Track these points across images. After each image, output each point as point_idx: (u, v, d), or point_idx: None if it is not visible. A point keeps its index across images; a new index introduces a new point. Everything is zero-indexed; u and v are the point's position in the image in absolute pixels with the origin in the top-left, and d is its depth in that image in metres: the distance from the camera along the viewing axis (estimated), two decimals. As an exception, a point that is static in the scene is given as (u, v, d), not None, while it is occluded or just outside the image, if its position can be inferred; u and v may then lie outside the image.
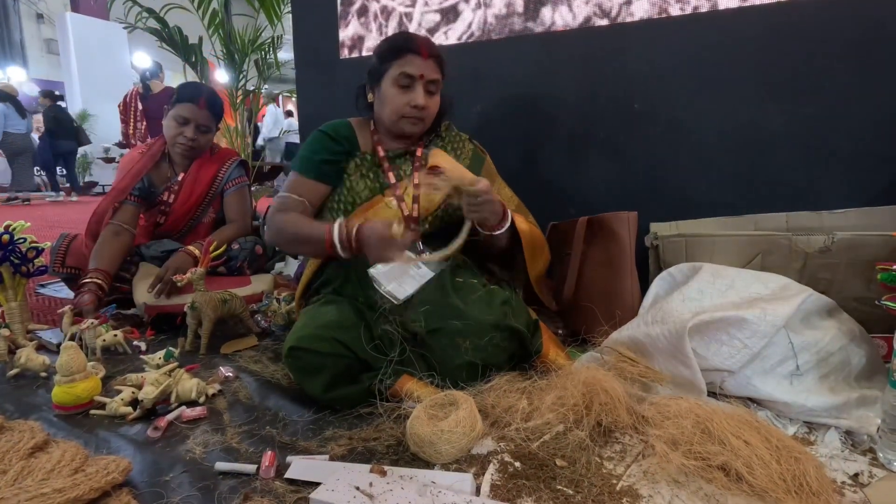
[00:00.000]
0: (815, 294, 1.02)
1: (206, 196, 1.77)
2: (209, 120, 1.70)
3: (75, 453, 0.82)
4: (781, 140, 1.41)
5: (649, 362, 1.02)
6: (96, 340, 1.26)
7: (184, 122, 1.66)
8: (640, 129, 1.56)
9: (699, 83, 1.47)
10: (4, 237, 1.36)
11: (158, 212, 1.75)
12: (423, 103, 1.20)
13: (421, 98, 1.19)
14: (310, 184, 1.23)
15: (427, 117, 1.24)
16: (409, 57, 1.18)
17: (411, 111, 1.20)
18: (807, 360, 0.95)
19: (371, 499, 0.67)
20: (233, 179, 1.79)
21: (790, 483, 0.69)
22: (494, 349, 1.04)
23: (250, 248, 1.71)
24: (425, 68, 1.19)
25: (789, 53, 1.37)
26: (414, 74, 1.18)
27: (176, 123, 1.67)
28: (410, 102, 1.19)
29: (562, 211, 1.61)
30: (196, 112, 1.66)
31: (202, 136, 1.70)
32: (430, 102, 1.22)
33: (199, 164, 1.76)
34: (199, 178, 1.75)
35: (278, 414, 1.00)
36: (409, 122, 1.22)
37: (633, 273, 1.30)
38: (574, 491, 0.74)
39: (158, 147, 1.75)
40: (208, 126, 1.71)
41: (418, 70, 1.18)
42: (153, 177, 1.73)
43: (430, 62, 1.20)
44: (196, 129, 1.68)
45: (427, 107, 1.21)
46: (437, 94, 1.24)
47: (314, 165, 1.24)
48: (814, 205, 1.32)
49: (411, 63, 1.18)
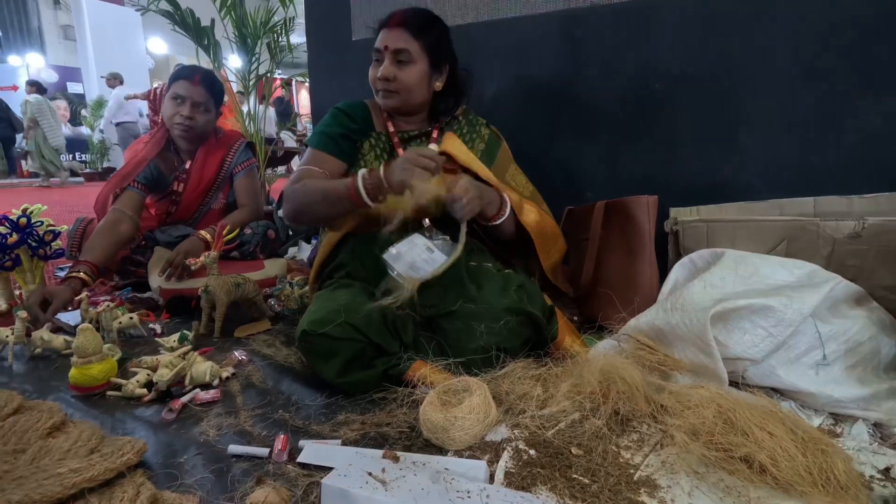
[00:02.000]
0: (843, 281, 0.98)
1: (214, 182, 1.76)
2: (206, 97, 1.65)
3: (91, 434, 0.82)
4: (810, 120, 1.35)
5: (668, 350, 1.00)
6: (112, 323, 1.27)
7: (180, 100, 1.62)
8: (660, 110, 1.50)
9: (723, 62, 1.41)
10: (22, 220, 1.37)
11: (169, 201, 1.76)
12: (386, 74, 1.18)
13: (385, 70, 1.18)
14: (328, 158, 1.23)
15: (401, 89, 1.21)
16: (381, 32, 1.20)
17: (380, 84, 1.21)
18: (834, 350, 0.92)
19: (384, 485, 0.66)
20: (241, 163, 1.77)
21: (817, 476, 0.67)
22: (509, 333, 1.02)
23: (263, 232, 1.72)
24: (389, 39, 1.18)
25: (820, 29, 1.30)
26: (379, 47, 1.19)
27: (173, 103, 1.63)
28: (377, 75, 1.20)
29: (578, 195, 1.58)
30: (191, 89, 1.61)
31: (200, 115, 1.64)
32: (400, 73, 1.19)
33: (206, 151, 1.73)
34: (207, 165, 1.73)
35: (291, 398, 1.00)
36: (381, 95, 1.23)
37: (652, 259, 1.27)
38: (590, 480, 0.72)
39: (162, 134, 1.72)
40: (205, 104, 1.65)
41: (383, 42, 1.18)
42: (161, 166, 1.71)
43: (398, 31, 1.17)
44: (193, 107, 1.62)
45: (395, 78, 1.19)
46: (411, 64, 1.19)
47: (332, 140, 1.24)
48: (843, 189, 1.27)
49: (381, 37, 1.20)
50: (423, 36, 1.19)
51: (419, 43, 1.19)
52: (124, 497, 0.68)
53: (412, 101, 1.24)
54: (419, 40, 1.18)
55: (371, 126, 1.27)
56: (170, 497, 0.69)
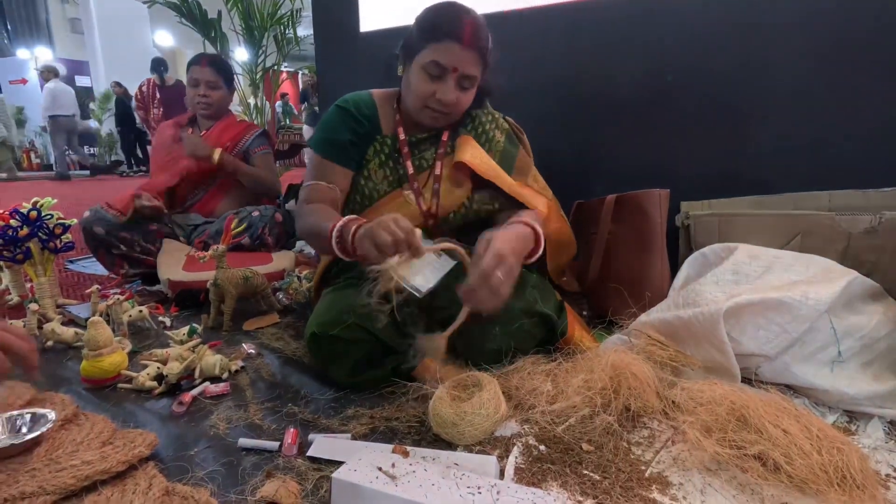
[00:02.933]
0: (860, 277, 0.97)
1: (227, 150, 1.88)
2: (215, 76, 1.85)
3: (104, 427, 0.83)
4: (826, 112, 1.32)
5: (679, 346, 0.99)
6: (122, 316, 1.27)
7: (195, 83, 1.85)
8: (672, 102, 1.48)
9: (737, 52, 1.38)
10: (32, 213, 1.37)
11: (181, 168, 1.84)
12: (453, 100, 1.05)
13: (451, 94, 1.04)
14: (335, 168, 1.13)
15: (455, 112, 1.10)
16: (446, 43, 1.01)
17: (436, 105, 1.06)
18: (849, 347, 0.90)
19: (394, 480, 0.66)
20: (257, 147, 1.92)
21: (832, 475, 0.66)
22: (524, 335, 1.01)
23: (271, 214, 1.78)
24: (462, 61, 1.02)
25: (836, 19, 1.27)
26: (447, 66, 1.02)
27: (191, 87, 1.87)
28: (437, 95, 1.04)
29: (588, 189, 1.56)
30: (201, 71, 1.84)
31: (213, 92, 1.86)
32: (462, 98, 1.07)
33: (224, 126, 1.91)
34: (222, 136, 1.88)
35: (300, 391, 1.00)
36: (430, 114, 1.09)
37: (663, 254, 1.25)
38: (601, 476, 0.72)
39: (185, 119, 1.97)
40: (215, 82, 1.86)
41: (453, 62, 1.02)
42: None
43: (470, 53, 1.02)
44: (206, 86, 1.85)
45: (457, 103, 1.07)
46: (473, 89, 1.09)
47: (339, 149, 1.13)
48: (859, 182, 1.24)
49: (447, 51, 1.01)
50: (487, 57, 1.07)
51: (482, 65, 1.07)
52: (137, 489, 0.69)
53: (454, 121, 1.15)
54: (482, 62, 1.06)
55: (377, 127, 1.16)
56: (181, 490, 0.69)
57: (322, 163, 1.14)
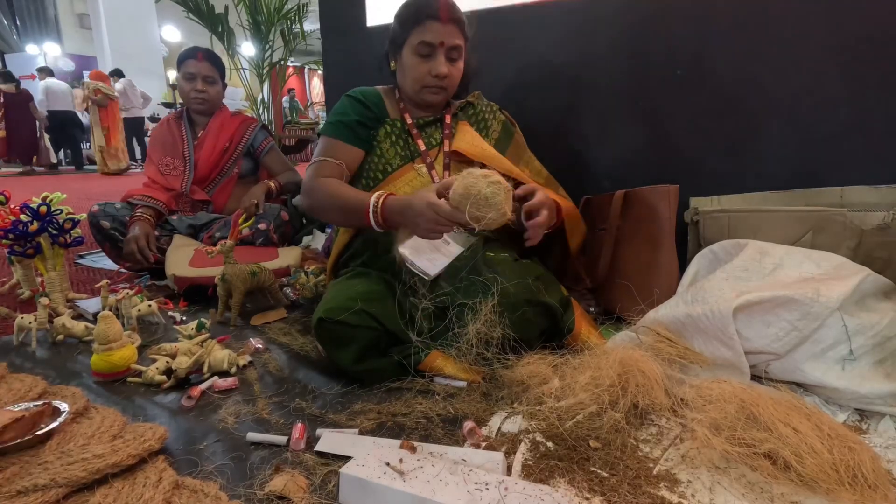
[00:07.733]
0: (872, 274, 0.95)
1: (227, 148, 1.88)
2: (211, 70, 1.86)
3: (114, 420, 0.84)
4: (839, 107, 1.30)
5: (688, 343, 0.98)
6: (131, 310, 1.28)
7: (191, 77, 1.83)
8: (681, 97, 1.46)
9: (748, 47, 1.36)
10: (42, 208, 1.38)
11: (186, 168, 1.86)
12: (445, 72, 1.17)
13: (443, 67, 1.16)
14: (345, 147, 1.22)
15: (450, 86, 1.21)
16: (427, 24, 1.14)
17: (433, 80, 1.18)
18: (861, 345, 0.89)
19: (401, 475, 0.66)
20: (261, 143, 1.93)
21: (843, 474, 0.65)
22: (526, 324, 1.01)
23: (276, 212, 1.79)
24: (445, 34, 1.15)
25: (849, 15, 1.25)
26: (433, 42, 1.15)
27: (186, 82, 1.85)
28: (432, 72, 1.17)
29: (596, 184, 1.55)
30: (198, 65, 1.83)
31: (210, 87, 1.86)
32: (453, 69, 1.19)
33: (220, 122, 1.89)
34: (221, 133, 1.88)
35: (308, 386, 1.01)
36: (430, 91, 1.20)
37: (671, 250, 1.24)
38: (609, 473, 0.72)
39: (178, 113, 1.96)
40: (212, 76, 1.86)
41: (438, 37, 1.14)
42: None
43: (451, 27, 1.15)
44: (204, 81, 1.84)
45: (449, 75, 1.18)
46: (461, 60, 1.21)
47: (348, 128, 1.22)
48: (872, 178, 1.22)
49: (430, 30, 1.14)
50: (465, 29, 1.19)
51: (464, 37, 1.19)
52: (147, 482, 0.69)
53: (451, 95, 1.25)
54: (464, 34, 1.19)
55: (385, 113, 1.26)
56: (191, 483, 0.70)
57: (330, 141, 1.23)
